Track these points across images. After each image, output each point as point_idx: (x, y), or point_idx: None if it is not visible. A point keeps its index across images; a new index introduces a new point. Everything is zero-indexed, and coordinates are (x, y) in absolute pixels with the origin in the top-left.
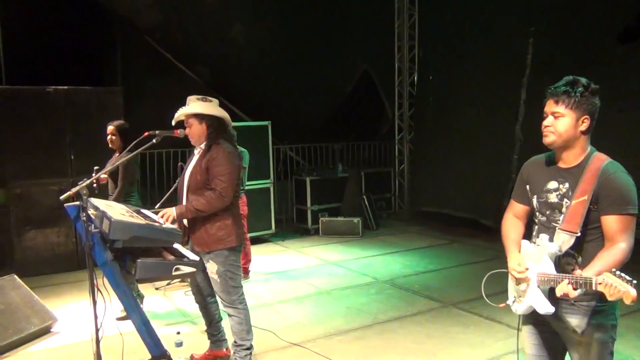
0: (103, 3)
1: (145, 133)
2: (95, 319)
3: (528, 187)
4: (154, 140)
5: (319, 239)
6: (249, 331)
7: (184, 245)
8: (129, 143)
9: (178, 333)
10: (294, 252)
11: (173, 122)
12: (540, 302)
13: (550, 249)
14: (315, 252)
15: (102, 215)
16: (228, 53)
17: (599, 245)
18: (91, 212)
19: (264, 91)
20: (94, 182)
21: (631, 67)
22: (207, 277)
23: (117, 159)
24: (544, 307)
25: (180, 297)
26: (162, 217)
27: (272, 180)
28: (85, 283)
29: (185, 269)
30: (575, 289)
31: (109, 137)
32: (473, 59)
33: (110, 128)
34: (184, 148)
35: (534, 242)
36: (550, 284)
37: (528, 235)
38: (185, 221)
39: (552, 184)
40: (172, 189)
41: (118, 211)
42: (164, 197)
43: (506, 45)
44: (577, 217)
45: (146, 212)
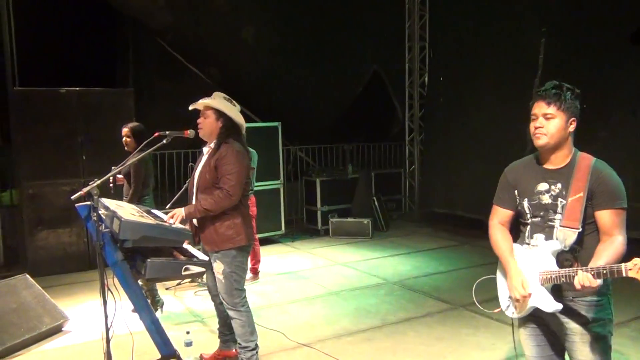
0: (115, 5)
1: (156, 133)
2: (106, 318)
3: (516, 192)
4: (164, 140)
5: (329, 239)
6: (252, 332)
7: (195, 245)
8: None
9: (188, 332)
10: (304, 253)
11: (191, 107)
12: (546, 301)
13: (553, 246)
14: (324, 252)
15: (113, 215)
16: (239, 54)
17: (595, 239)
18: (102, 212)
19: (274, 92)
20: (110, 182)
21: None
22: None
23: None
24: (550, 305)
25: (190, 297)
26: (172, 217)
27: (282, 181)
28: (96, 283)
29: (194, 269)
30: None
31: (124, 139)
32: (484, 59)
33: (125, 130)
34: (195, 149)
35: (528, 244)
36: (556, 281)
37: (515, 238)
38: (195, 221)
39: (542, 186)
40: (182, 189)
41: (128, 211)
42: (175, 197)
43: (518, 45)
44: (576, 214)
45: (156, 212)
